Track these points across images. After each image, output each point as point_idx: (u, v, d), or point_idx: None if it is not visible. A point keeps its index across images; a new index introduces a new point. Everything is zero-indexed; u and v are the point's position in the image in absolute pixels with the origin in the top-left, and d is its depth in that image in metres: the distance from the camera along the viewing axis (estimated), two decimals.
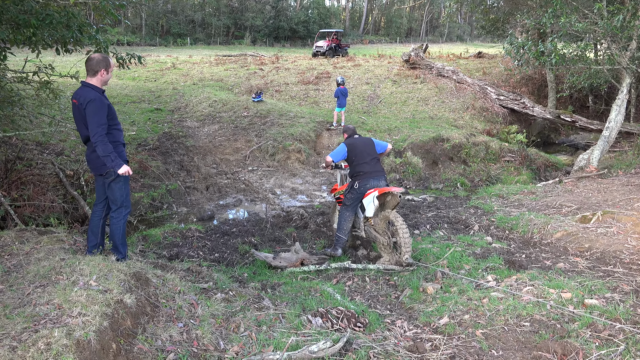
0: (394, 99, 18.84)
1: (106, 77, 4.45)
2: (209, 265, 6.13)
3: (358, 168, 6.30)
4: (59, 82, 9.66)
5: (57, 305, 3.05)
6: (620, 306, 4.04)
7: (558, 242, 6.26)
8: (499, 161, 12.78)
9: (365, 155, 6.34)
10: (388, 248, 6.14)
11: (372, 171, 6.26)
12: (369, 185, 6.22)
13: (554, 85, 18.25)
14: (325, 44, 32.34)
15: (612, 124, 11.01)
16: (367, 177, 6.23)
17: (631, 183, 8.75)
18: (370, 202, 6.20)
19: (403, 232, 5.69)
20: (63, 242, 4.62)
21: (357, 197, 6.34)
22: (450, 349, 3.73)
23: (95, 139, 4.16)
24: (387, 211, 6.01)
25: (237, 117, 14.77)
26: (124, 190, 4.54)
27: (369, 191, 6.21)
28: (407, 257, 5.71)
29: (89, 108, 4.19)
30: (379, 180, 6.25)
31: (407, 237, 5.70)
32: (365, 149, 6.39)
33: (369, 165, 6.29)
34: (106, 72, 4.42)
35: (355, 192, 6.30)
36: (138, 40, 51.01)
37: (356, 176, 6.31)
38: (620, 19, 9.65)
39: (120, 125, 4.61)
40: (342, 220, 6.42)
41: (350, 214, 6.42)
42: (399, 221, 5.77)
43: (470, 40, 67.19)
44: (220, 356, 3.34)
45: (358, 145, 6.42)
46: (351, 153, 6.37)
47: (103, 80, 4.43)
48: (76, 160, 9.52)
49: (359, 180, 6.25)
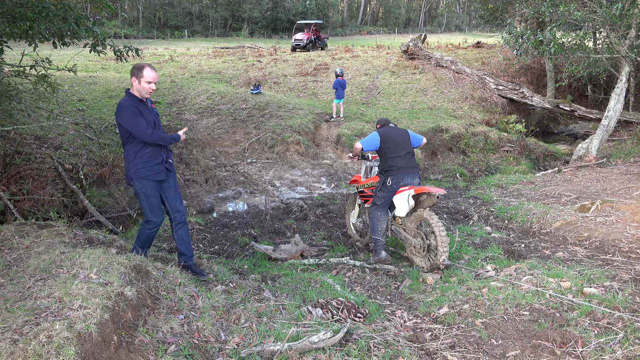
0: (393, 90, 18.80)
1: (139, 87, 4.24)
2: (209, 257, 6.15)
3: (391, 162, 5.66)
4: (56, 76, 9.63)
5: (58, 298, 3.06)
6: (619, 294, 4.06)
7: (557, 232, 6.28)
8: (498, 151, 12.78)
9: (399, 148, 5.70)
10: (421, 251, 5.54)
11: (406, 166, 5.66)
12: (403, 183, 5.62)
13: (553, 75, 18.21)
14: (304, 36, 30.96)
15: (611, 113, 11.00)
16: (402, 173, 5.62)
17: (630, 172, 8.76)
18: (404, 201, 5.58)
19: (440, 232, 5.15)
20: (63, 236, 4.61)
21: (389, 196, 5.73)
22: (450, 339, 3.75)
23: (152, 140, 4.21)
24: (421, 210, 5.46)
25: (236, 109, 14.74)
26: (147, 202, 4.35)
27: (402, 188, 5.61)
28: (445, 258, 5.15)
29: (121, 115, 4.16)
30: (413, 178, 5.67)
31: (444, 235, 5.16)
32: (401, 141, 5.75)
33: (403, 160, 5.66)
34: (137, 81, 4.22)
35: (387, 189, 5.70)
36: (135, 33, 50.77)
37: (388, 171, 5.69)
38: (619, 7, 9.60)
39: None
40: (375, 222, 5.82)
41: (382, 213, 5.82)
42: (435, 220, 5.22)
43: (469, 30, 66.91)
44: (221, 347, 3.35)
45: (393, 136, 5.76)
46: (384, 144, 5.72)
47: (138, 89, 4.25)
48: (75, 154, 9.50)
49: (392, 177, 5.63)
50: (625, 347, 3.28)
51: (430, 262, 5.37)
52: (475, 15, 30.55)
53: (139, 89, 4.24)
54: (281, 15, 59.29)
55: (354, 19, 73.21)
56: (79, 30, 7.42)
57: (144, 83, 4.21)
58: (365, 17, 75.28)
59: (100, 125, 11.86)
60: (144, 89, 4.24)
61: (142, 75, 4.20)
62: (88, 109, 13.76)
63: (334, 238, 7.11)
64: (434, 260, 5.30)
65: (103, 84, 18.22)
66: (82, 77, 18.52)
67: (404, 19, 75.20)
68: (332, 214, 8.21)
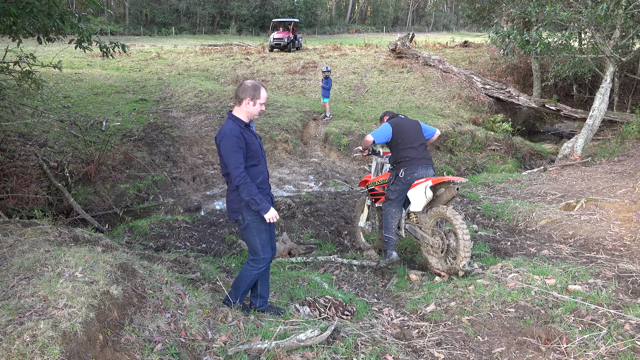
0: (381, 89, 18.84)
1: (252, 109, 3.73)
2: (196, 255, 6.12)
3: (403, 153, 5.32)
4: (41, 72, 9.50)
5: (43, 297, 3.02)
6: (603, 291, 4.12)
7: (543, 230, 6.34)
8: (485, 150, 12.88)
9: (412, 139, 5.36)
10: (439, 251, 5.16)
11: (420, 157, 5.30)
12: (417, 174, 5.25)
13: (539, 74, 18.38)
14: (284, 35, 28.56)
15: (595, 113, 11.13)
16: (415, 164, 5.27)
17: (614, 171, 8.87)
18: (421, 194, 5.15)
19: (463, 233, 4.73)
20: (48, 234, 4.56)
21: (403, 189, 5.33)
22: (437, 336, 3.78)
23: (236, 181, 3.57)
24: (440, 206, 5.04)
25: (224, 107, 14.68)
26: (259, 237, 3.86)
27: (418, 181, 5.23)
28: (465, 263, 4.78)
29: (223, 144, 3.61)
30: (427, 169, 5.31)
31: (468, 239, 4.75)
32: (413, 132, 5.43)
33: (416, 151, 5.32)
34: (252, 103, 3.71)
35: (400, 182, 5.31)
36: (122, 30, 50.32)
37: (401, 162, 5.33)
38: (604, 8, 9.72)
39: (262, 167, 3.87)
40: (388, 218, 5.43)
41: (396, 209, 5.42)
42: (458, 219, 4.77)
43: (457, 29, 67.27)
44: (208, 346, 3.34)
45: (405, 127, 5.44)
46: (396, 135, 5.38)
47: (248, 112, 3.74)
48: (60, 152, 9.40)
49: (404, 168, 5.28)
50: (609, 343, 3.32)
51: (448, 265, 5.02)
52: (463, 15, 30.72)
53: (250, 111, 3.75)
54: (269, 13, 59.07)
55: (342, 17, 73.22)
56: (64, 27, 7.33)
57: (258, 105, 3.75)
58: (353, 15, 75.34)
59: (86, 123, 11.74)
60: (255, 111, 3.76)
61: (260, 96, 3.72)
62: (74, 106, 13.61)
63: (322, 236, 7.11)
64: (452, 263, 4.94)
65: (89, 80, 18.04)
66: (67, 74, 18.31)
67: (392, 18, 75.39)
68: (320, 212, 8.22)
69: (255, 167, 3.79)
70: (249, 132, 3.76)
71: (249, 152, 3.69)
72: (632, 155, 9.97)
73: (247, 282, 3.96)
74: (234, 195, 3.78)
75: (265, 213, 3.67)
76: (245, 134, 3.69)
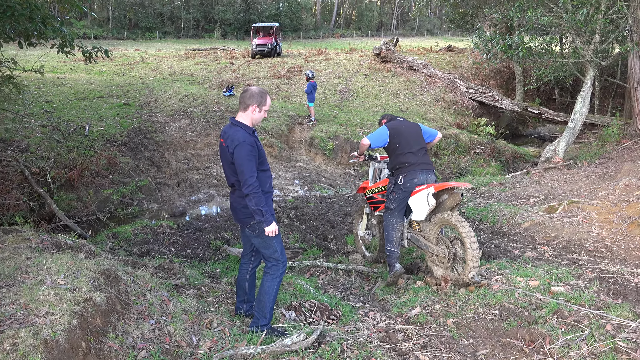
0: (366, 93, 18.92)
1: (257, 116, 3.73)
2: (181, 261, 6.08)
3: (402, 158, 5.04)
4: (22, 77, 9.39)
5: (24, 305, 2.98)
6: (585, 292, 4.17)
7: (526, 232, 6.41)
8: (469, 153, 12.99)
9: (411, 143, 5.07)
10: (445, 261, 4.80)
11: (419, 162, 5.02)
12: (417, 181, 4.96)
13: (522, 78, 18.61)
14: (267, 41, 27.27)
15: (577, 116, 11.30)
16: (414, 169, 4.98)
17: (595, 173, 9.01)
18: (423, 202, 4.84)
19: (470, 242, 4.41)
20: (29, 241, 4.50)
21: (403, 197, 5.03)
22: (422, 339, 3.79)
23: (247, 190, 3.53)
24: (446, 213, 4.72)
25: (208, 111, 14.61)
26: (277, 241, 3.81)
27: (419, 187, 4.92)
28: (474, 274, 4.45)
29: (238, 152, 3.55)
30: (428, 175, 5.03)
31: (476, 247, 4.42)
32: (412, 136, 5.13)
33: (415, 156, 5.03)
34: (258, 109, 3.70)
35: (400, 190, 5.00)
36: (105, 34, 49.88)
37: (399, 169, 5.05)
38: (584, 13, 9.89)
39: (269, 172, 3.87)
40: (389, 230, 5.12)
41: (397, 220, 5.12)
42: (465, 227, 4.44)
43: (441, 34, 67.83)
44: (192, 352, 3.32)
45: (403, 131, 5.14)
46: (394, 139, 5.09)
47: (253, 119, 3.72)
48: (42, 157, 9.28)
49: (403, 175, 4.99)
50: (591, 343, 3.37)
51: (455, 275, 4.68)
52: (447, 20, 31.03)
53: (256, 118, 3.74)
54: (254, 17, 58.99)
55: (327, 22, 73.40)
56: (46, 31, 7.25)
57: (263, 112, 3.75)
58: (338, 20, 75.60)
59: (68, 128, 11.61)
60: (260, 118, 3.77)
61: (266, 103, 3.74)
62: (56, 110, 13.45)
63: (308, 240, 7.11)
64: (460, 273, 4.62)
65: (72, 85, 17.85)
66: (49, 78, 18.10)
67: (376, 23, 75.79)
68: (305, 217, 8.21)
69: (265, 172, 3.79)
70: (258, 140, 3.75)
71: (259, 158, 3.69)
72: (613, 157, 10.14)
73: (272, 294, 3.80)
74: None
75: (267, 226, 3.62)
76: (258, 143, 3.70)
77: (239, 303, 4.19)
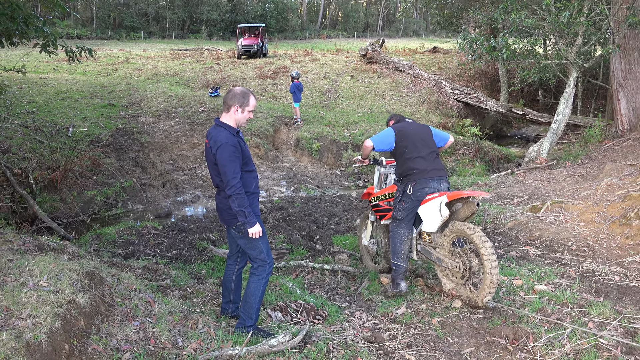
0: (352, 94, 18.96)
1: (240, 117, 3.67)
2: (166, 262, 6.04)
3: (411, 164, 4.54)
4: (3, 77, 9.25)
5: (5, 307, 2.94)
6: (568, 291, 4.23)
7: (510, 232, 6.47)
8: (454, 154, 13.07)
9: (420, 147, 4.59)
10: (458, 276, 4.35)
11: (430, 169, 4.52)
12: (429, 189, 4.47)
13: (506, 80, 18.80)
14: (253, 42, 26.94)
15: (560, 117, 11.44)
16: (424, 177, 4.48)
17: (578, 173, 9.13)
18: (435, 211, 4.36)
19: (492, 267, 3.90)
20: (11, 243, 4.43)
21: (413, 207, 4.54)
22: (408, 338, 3.81)
23: (230, 191, 3.48)
24: (459, 224, 4.25)
25: (194, 112, 14.54)
26: (262, 242, 3.75)
27: (430, 196, 4.44)
28: (489, 299, 4.02)
29: (220, 153, 3.51)
30: (440, 182, 4.53)
31: (496, 273, 3.92)
32: (421, 139, 4.64)
33: (425, 161, 4.54)
34: (240, 110, 3.64)
35: (409, 199, 4.51)
36: (89, 34, 49.39)
37: (408, 176, 4.55)
38: (567, 15, 10.02)
39: (255, 172, 3.82)
40: (396, 242, 4.64)
41: (405, 231, 4.63)
42: (487, 248, 3.94)
43: (426, 35, 68.23)
44: (178, 353, 3.30)
45: (411, 133, 4.65)
46: (401, 142, 4.60)
47: (237, 119, 3.67)
48: (24, 158, 9.16)
49: (412, 183, 4.49)
50: (573, 341, 3.42)
51: (467, 293, 4.26)
52: (432, 21, 31.24)
53: (240, 119, 3.69)
54: (240, 17, 58.84)
55: (313, 23, 73.47)
56: (28, 30, 7.15)
57: (246, 112, 3.69)
58: (324, 21, 75.68)
59: (51, 128, 11.47)
60: (244, 119, 3.71)
61: (249, 103, 3.67)
62: (38, 111, 13.27)
63: (294, 241, 7.11)
64: (473, 292, 4.20)
65: (54, 85, 17.64)
66: (32, 78, 17.86)
67: (362, 24, 76.02)
68: (291, 217, 8.21)
69: (251, 173, 3.76)
70: (242, 140, 3.72)
71: (243, 159, 3.66)
72: (595, 158, 10.28)
73: (258, 295, 3.77)
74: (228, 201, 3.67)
75: (250, 227, 3.57)
76: (241, 143, 3.66)
77: (224, 304, 4.17)
